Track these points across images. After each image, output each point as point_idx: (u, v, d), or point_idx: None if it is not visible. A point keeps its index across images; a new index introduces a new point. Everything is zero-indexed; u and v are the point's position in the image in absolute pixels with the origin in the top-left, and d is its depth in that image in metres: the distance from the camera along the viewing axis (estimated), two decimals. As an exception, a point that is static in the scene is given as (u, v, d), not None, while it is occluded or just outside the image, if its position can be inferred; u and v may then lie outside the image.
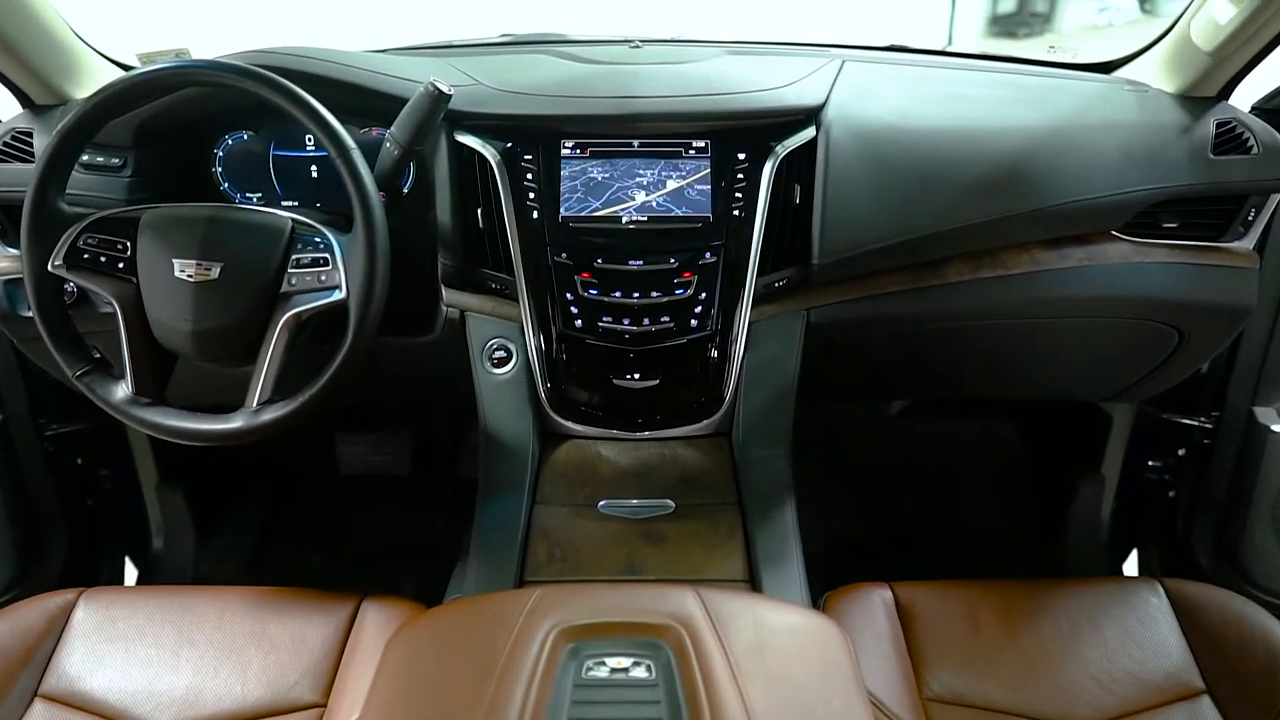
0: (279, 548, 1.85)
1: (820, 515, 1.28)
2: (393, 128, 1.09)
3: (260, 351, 1.03)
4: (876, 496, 1.89)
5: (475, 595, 1.01)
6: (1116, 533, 1.79)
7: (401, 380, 1.44)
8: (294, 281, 1.03)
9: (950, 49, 1.56)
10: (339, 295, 1.01)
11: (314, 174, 1.31)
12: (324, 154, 1.27)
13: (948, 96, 1.25)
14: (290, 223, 1.05)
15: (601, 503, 1.12)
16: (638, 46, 1.40)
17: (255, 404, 1.03)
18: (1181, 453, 1.64)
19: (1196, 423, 1.57)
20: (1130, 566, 1.80)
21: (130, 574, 1.81)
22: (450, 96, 1.07)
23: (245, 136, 1.31)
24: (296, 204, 1.34)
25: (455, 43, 1.54)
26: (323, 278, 1.02)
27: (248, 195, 1.33)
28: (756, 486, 1.14)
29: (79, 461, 1.65)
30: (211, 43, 1.32)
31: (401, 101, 1.09)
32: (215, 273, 1.01)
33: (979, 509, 1.89)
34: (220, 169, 1.32)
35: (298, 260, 1.03)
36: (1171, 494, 1.68)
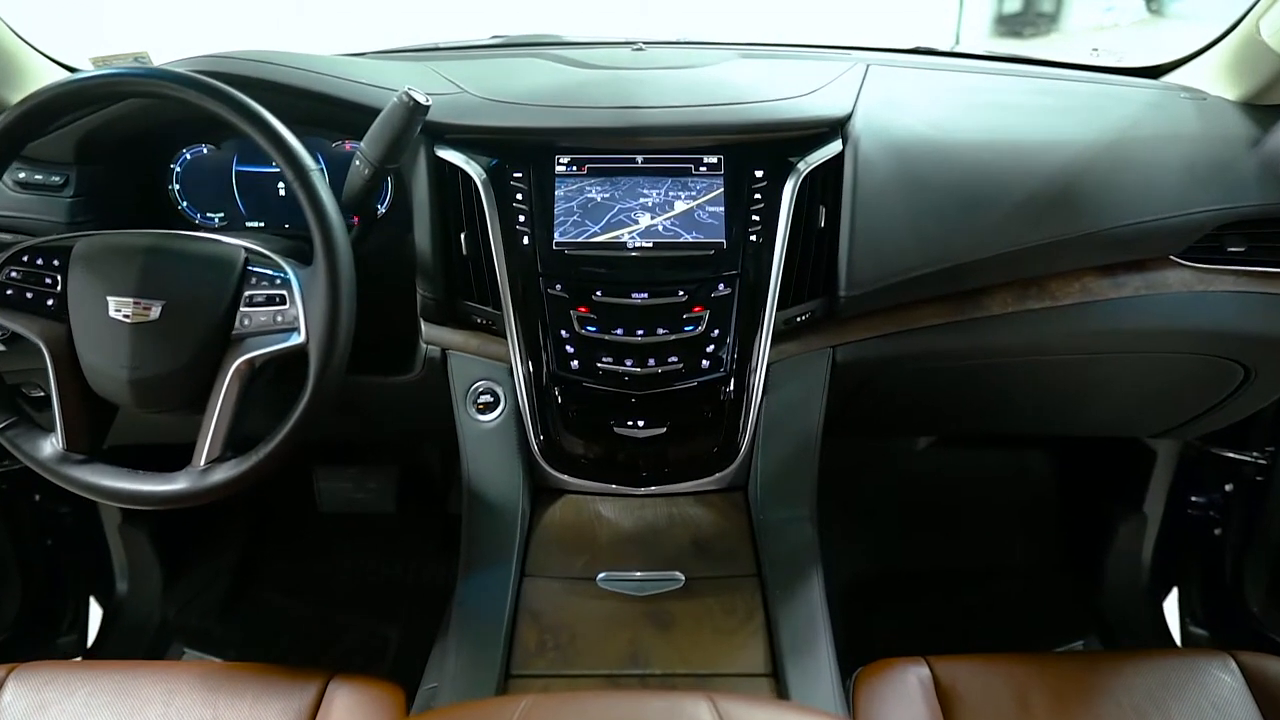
0: (254, 591, 1.73)
1: (839, 555, 1.17)
2: (363, 143, 0.98)
3: (209, 402, 0.91)
4: (898, 533, 1.78)
5: (454, 703, 0.87)
6: (1157, 573, 1.67)
7: (379, 421, 1.32)
8: (246, 322, 0.91)
9: (982, 52, 1.43)
10: (297, 339, 0.89)
11: (281, 192, 1.19)
12: None
13: (988, 105, 1.14)
14: (243, 253, 0.93)
15: (601, 575, 1.00)
16: (641, 49, 1.29)
17: (203, 462, 0.92)
18: (1229, 488, 1.54)
19: (1249, 458, 1.45)
20: (1170, 608, 1.69)
21: (95, 615, 1.69)
22: (428, 107, 0.95)
23: (205, 150, 1.20)
24: (262, 225, 1.22)
25: (441, 45, 1.44)
26: (279, 318, 0.91)
27: (208, 216, 1.22)
28: (778, 555, 1.01)
29: (36, 498, 1.53)
30: (193, 46, 1.19)
31: (376, 112, 0.97)
32: (155, 312, 0.90)
33: (1008, 546, 1.77)
34: (178, 187, 1.20)
35: (251, 298, 0.92)
36: (1217, 532, 1.56)
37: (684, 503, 1.08)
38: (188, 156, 1.19)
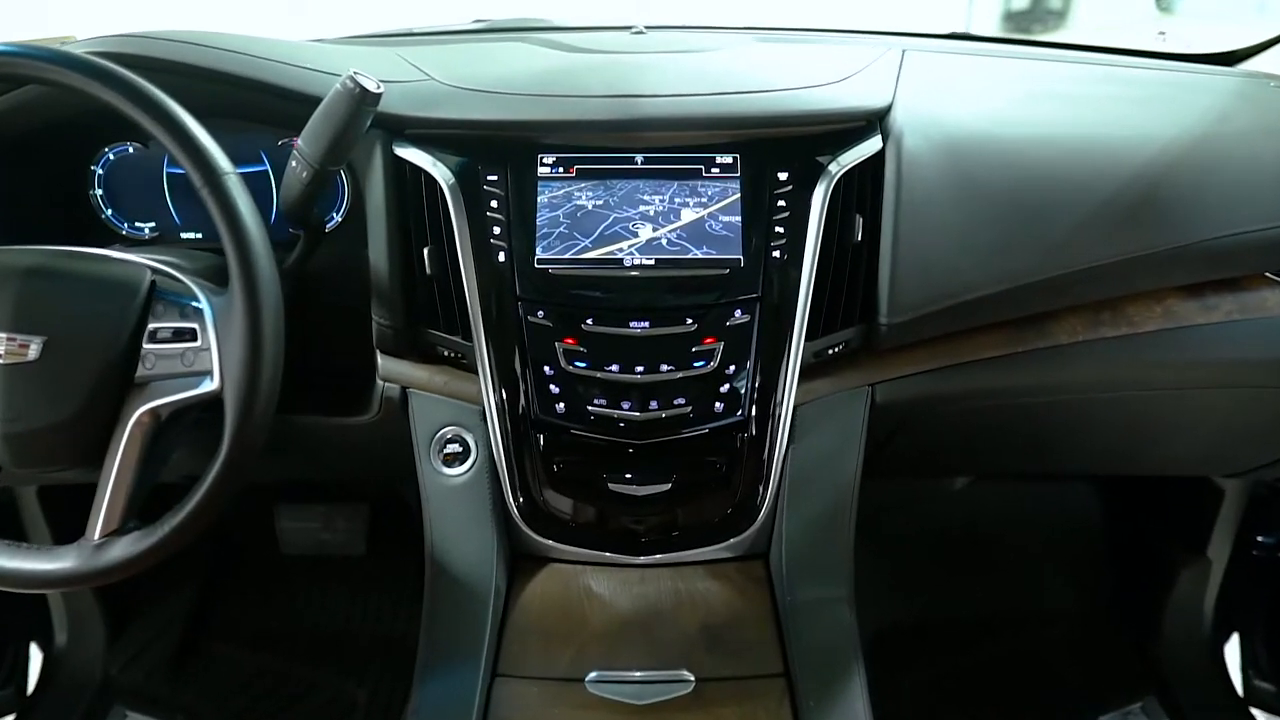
0: (207, 643, 1.57)
1: (864, 603, 1.03)
2: (299, 139, 0.83)
3: (105, 460, 0.76)
4: (929, 577, 1.64)
5: None
6: (1220, 623, 1.53)
7: (330, 467, 1.16)
8: (151, 362, 0.76)
9: (1028, 38, 1.30)
10: (210, 385, 0.74)
11: None
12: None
13: (1050, 95, 1.02)
14: (148, 275, 0.78)
15: (591, 675, 0.83)
16: (641, 32, 1.18)
17: (98, 535, 0.76)
18: None
19: None
20: (1231, 653, 1.56)
21: (36, 659, 1.54)
22: (378, 95, 0.80)
23: (131, 149, 1.04)
24: (200, 237, 1.07)
25: (415, 30, 1.33)
26: (189, 357, 0.75)
27: (137, 226, 1.06)
28: (809, 649, 0.85)
29: None
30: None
31: (319, 102, 0.83)
32: (34, 350, 0.74)
33: (1052, 592, 1.63)
34: (101, 191, 1.05)
35: (155, 332, 0.76)
36: None
37: (693, 575, 0.93)
38: (111, 156, 1.04)
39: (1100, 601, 1.61)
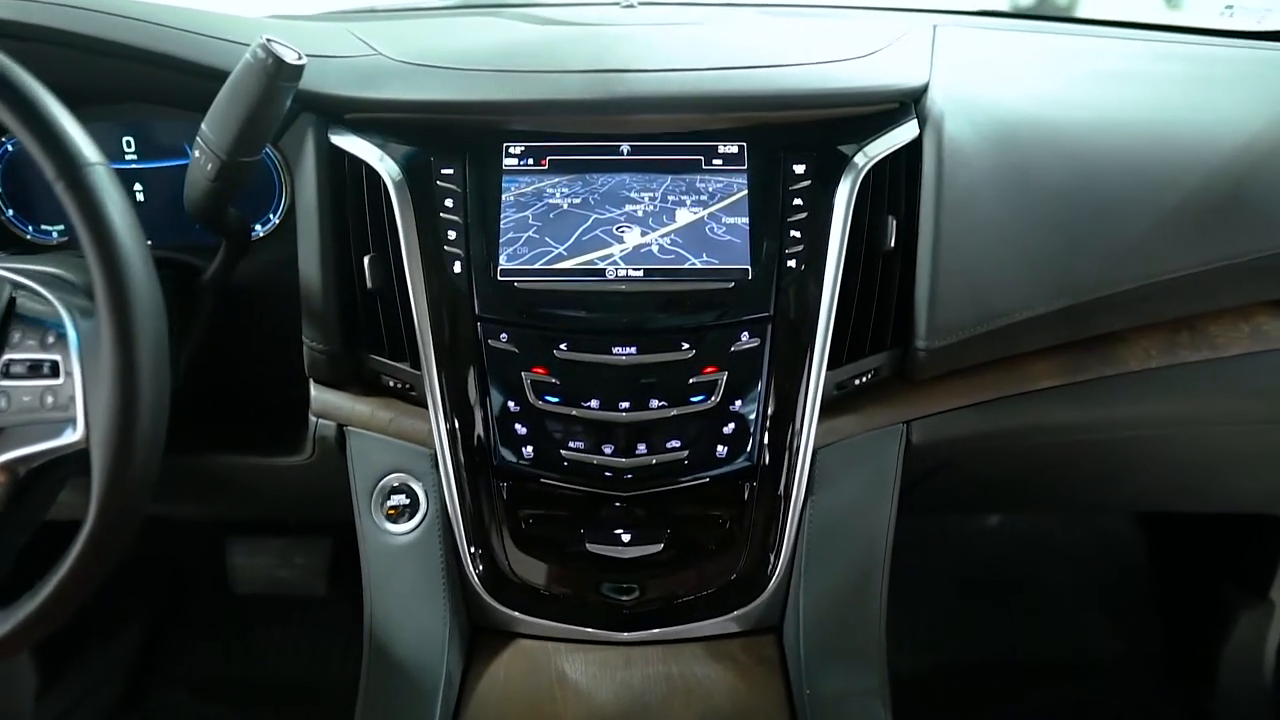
0: (155, 691, 1.47)
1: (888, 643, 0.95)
2: (204, 123, 0.71)
3: None
4: (957, 620, 1.55)
5: None
6: None
7: (265, 509, 1.08)
8: (5, 403, 0.63)
9: (1064, 14, 1.19)
10: (73, 435, 0.61)
11: (140, 196, 0.95)
12: (154, 164, 0.93)
13: (1116, 75, 0.92)
14: (6, 291, 0.65)
15: None
16: (631, 5, 1.08)
17: None
18: None
19: None
20: None
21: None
22: (298, 69, 0.68)
23: None
24: None
25: (379, 7, 1.23)
26: (50, 398, 0.62)
27: (44, 229, 0.95)
28: None
29: None
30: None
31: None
32: None
33: (1093, 637, 1.54)
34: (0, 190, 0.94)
35: (9, 364, 0.63)
36: None
37: (689, 656, 0.82)
38: (10, 148, 0.93)
39: (1147, 648, 1.51)
